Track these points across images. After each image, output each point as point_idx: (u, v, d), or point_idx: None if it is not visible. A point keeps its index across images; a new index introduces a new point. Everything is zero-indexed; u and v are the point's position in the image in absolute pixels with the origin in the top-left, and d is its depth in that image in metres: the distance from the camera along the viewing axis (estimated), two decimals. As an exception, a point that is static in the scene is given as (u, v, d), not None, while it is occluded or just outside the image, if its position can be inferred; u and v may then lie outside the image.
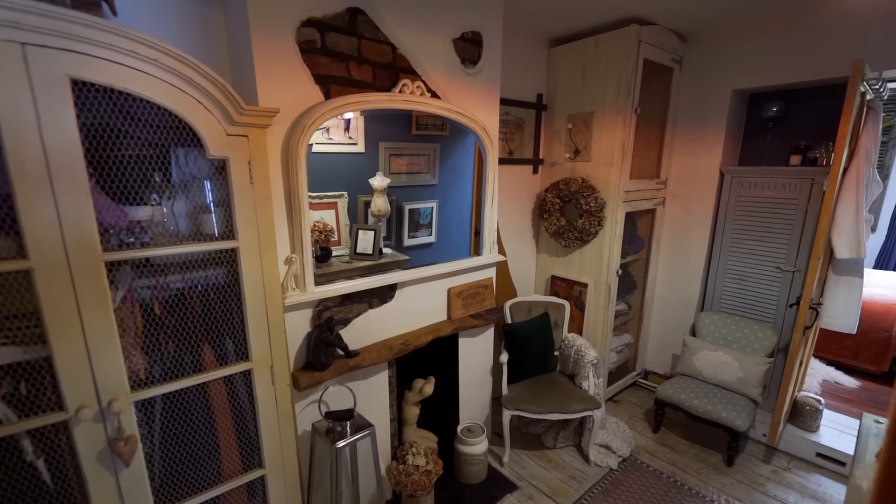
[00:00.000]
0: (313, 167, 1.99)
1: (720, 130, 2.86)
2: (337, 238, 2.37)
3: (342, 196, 2.40)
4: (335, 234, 2.36)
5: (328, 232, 2.25)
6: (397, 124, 2.49)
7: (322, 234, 2.21)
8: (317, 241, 2.16)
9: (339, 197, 2.40)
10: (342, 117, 2.18)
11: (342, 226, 2.40)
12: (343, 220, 2.41)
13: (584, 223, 2.80)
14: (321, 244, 2.21)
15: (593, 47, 2.66)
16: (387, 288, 2.06)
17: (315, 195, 2.22)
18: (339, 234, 2.38)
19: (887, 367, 3.33)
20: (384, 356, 2.00)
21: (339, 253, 2.36)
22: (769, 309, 2.84)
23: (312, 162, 2.03)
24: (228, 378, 1.52)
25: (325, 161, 2.22)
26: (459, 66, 2.08)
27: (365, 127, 2.36)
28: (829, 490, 2.39)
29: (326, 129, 2.23)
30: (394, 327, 2.13)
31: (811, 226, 2.59)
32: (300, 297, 1.71)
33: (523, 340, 2.71)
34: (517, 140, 2.95)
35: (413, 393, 2.45)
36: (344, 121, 2.28)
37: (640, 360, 3.50)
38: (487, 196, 2.35)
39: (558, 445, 2.77)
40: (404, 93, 1.85)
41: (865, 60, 1.98)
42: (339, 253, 2.36)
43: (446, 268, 2.24)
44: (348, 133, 2.36)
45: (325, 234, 2.22)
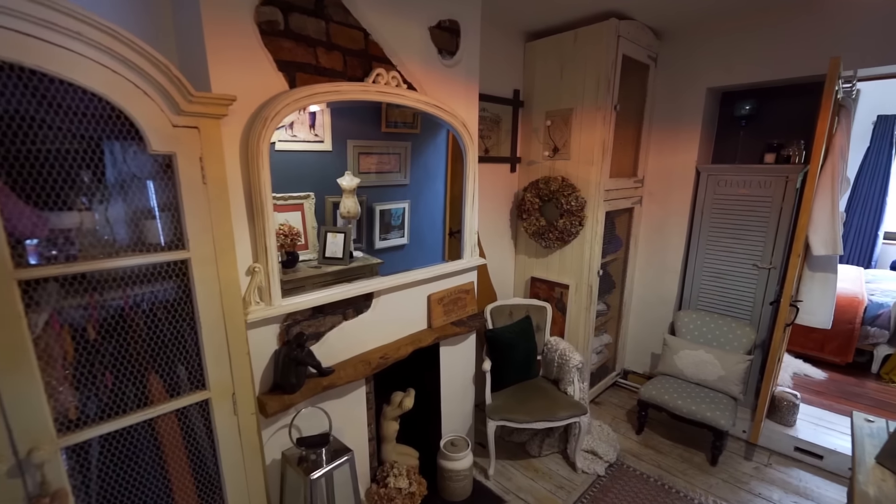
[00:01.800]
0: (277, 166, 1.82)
1: (695, 128, 2.86)
2: (304, 242, 2.20)
3: (309, 197, 2.23)
4: (302, 237, 2.20)
5: (294, 235, 2.07)
6: (366, 121, 2.34)
7: (288, 238, 2.03)
8: (282, 246, 1.99)
9: (306, 198, 2.23)
10: (306, 111, 2.00)
11: (309, 228, 2.23)
12: (310, 223, 2.24)
13: (565, 223, 2.72)
14: (287, 248, 2.03)
15: (572, 41, 2.58)
16: (362, 297, 1.89)
17: (279, 196, 2.04)
18: (307, 238, 2.22)
19: (851, 358, 3.45)
20: (361, 372, 1.83)
21: (307, 257, 2.19)
22: (746, 306, 2.86)
23: (276, 160, 1.85)
24: (182, 411, 1.31)
25: (289, 160, 2.05)
26: (437, 56, 1.94)
27: (332, 123, 2.20)
28: (810, 484, 2.41)
29: (290, 126, 2.07)
30: (371, 339, 1.96)
31: (786, 223, 2.62)
32: (265, 311, 1.52)
33: (506, 346, 2.60)
34: (494, 138, 2.84)
35: (392, 407, 2.28)
36: (309, 116, 2.11)
37: (620, 360, 3.47)
38: (468, 196, 2.22)
39: (544, 453, 2.67)
40: (379, 83, 1.68)
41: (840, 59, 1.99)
42: (307, 257, 2.19)
43: (426, 273, 2.09)
44: (314, 130, 2.19)
45: (290, 237, 2.05)
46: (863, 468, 1.37)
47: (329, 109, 2.12)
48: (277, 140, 1.98)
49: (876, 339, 3.42)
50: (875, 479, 1.31)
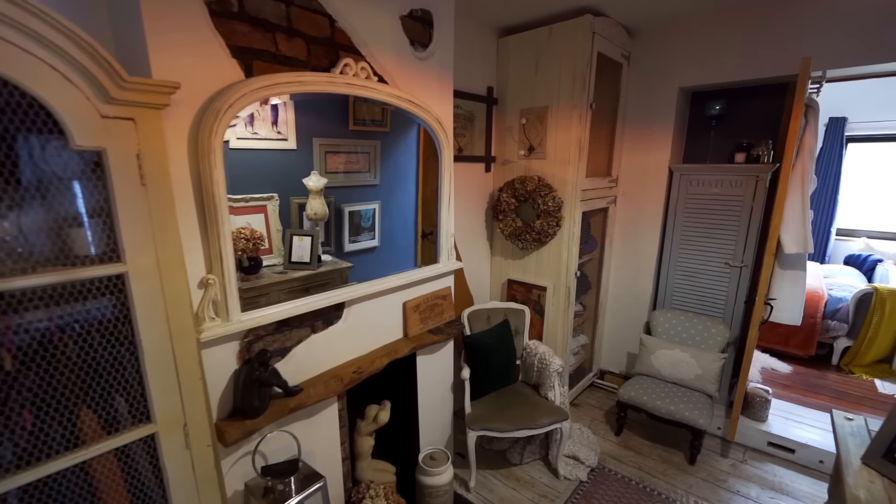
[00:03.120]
0: (237, 165, 1.66)
1: (668, 128, 2.86)
2: (268, 246, 2.05)
3: (272, 198, 2.08)
4: (265, 241, 2.04)
5: (257, 239, 1.91)
6: (333, 118, 2.21)
7: (250, 243, 1.86)
8: (243, 251, 1.82)
9: (269, 199, 2.07)
10: (266, 105, 1.84)
11: (273, 232, 2.08)
12: (274, 226, 2.09)
13: (542, 224, 2.66)
14: (249, 254, 1.86)
15: (546, 37, 2.51)
16: (332, 307, 1.74)
17: (240, 198, 1.88)
18: (271, 242, 2.07)
19: (814, 351, 3.58)
20: (333, 389, 1.68)
21: (272, 262, 2.03)
22: (719, 304, 2.89)
23: (236, 159, 1.70)
24: (122, 450, 1.13)
25: (250, 158, 1.89)
26: (409, 48, 1.82)
27: (296, 120, 2.06)
28: (784, 479, 2.44)
29: (251, 122, 1.91)
30: (343, 353, 1.81)
31: (757, 222, 2.65)
32: (222, 328, 1.35)
33: (485, 352, 2.50)
34: (468, 136, 2.74)
35: (366, 422, 2.15)
36: (271, 112, 1.95)
37: (597, 361, 3.46)
38: (443, 197, 2.11)
39: (525, 461, 2.60)
40: (346, 75, 1.54)
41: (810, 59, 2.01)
42: (272, 262, 2.03)
43: (401, 279, 1.97)
44: (276, 127, 2.04)
45: (253, 241, 1.88)
46: (850, 470, 1.35)
47: (293, 105, 1.98)
48: (236, 137, 1.83)
49: (836, 333, 3.56)
50: (864, 482, 1.30)
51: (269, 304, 1.56)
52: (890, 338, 3.42)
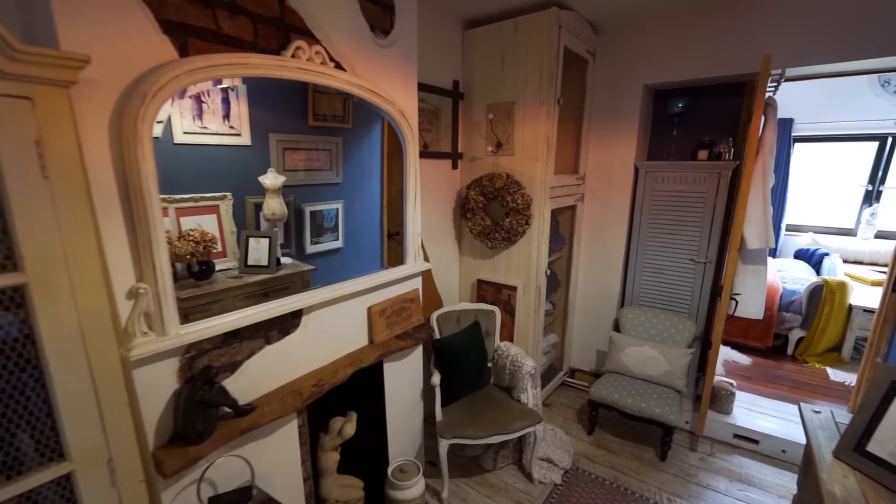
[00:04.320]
0: (184, 162, 1.57)
1: (633, 125, 2.87)
2: (221, 249, 1.88)
3: (225, 198, 1.91)
4: (218, 243, 1.87)
5: (208, 242, 1.74)
6: (291, 113, 2.06)
7: (200, 246, 1.69)
8: (193, 255, 1.65)
9: (221, 199, 1.91)
10: (211, 96, 1.67)
11: (227, 233, 1.91)
12: (228, 227, 1.92)
13: (512, 222, 2.59)
14: (199, 257, 1.68)
15: (513, 30, 2.45)
16: (289, 315, 1.59)
17: (188, 197, 1.72)
18: (224, 244, 1.90)
19: (771, 342, 3.71)
20: (291, 405, 1.54)
21: (226, 266, 1.87)
22: (685, 300, 2.92)
23: (183, 155, 1.59)
24: (29, 496, 0.94)
25: (199, 154, 1.74)
26: (369, 34, 1.69)
27: (250, 115, 1.90)
28: (750, 470, 2.48)
29: (199, 115, 1.73)
30: (302, 364, 1.66)
31: (720, 218, 2.69)
32: (156, 343, 1.18)
33: (455, 356, 2.40)
34: (434, 132, 2.64)
35: (330, 436, 2.00)
36: (222, 105, 1.78)
37: (567, 359, 3.44)
38: (409, 195, 1.99)
39: (499, 466, 2.52)
40: (299, 59, 1.40)
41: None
42: (226, 266, 1.87)
43: (365, 283, 1.84)
44: (228, 121, 1.88)
45: (203, 244, 1.71)
46: (824, 465, 1.34)
47: (246, 98, 1.83)
48: (182, 132, 1.67)
49: (791, 324, 3.71)
50: (838, 477, 1.29)
51: (225, 312, 1.42)
52: (839, 327, 3.59)
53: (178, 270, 1.65)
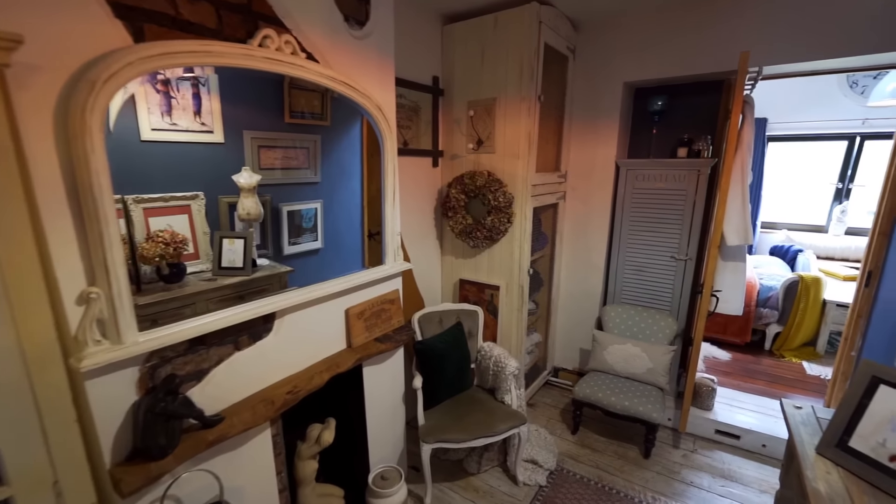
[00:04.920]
0: (153, 160, 1.52)
1: (614, 123, 2.86)
2: (193, 250, 1.80)
3: (197, 197, 1.83)
4: (190, 245, 1.79)
5: (178, 243, 1.66)
6: (266, 110, 1.99)
7: (169, 247, 1.61)
8: (162, 257, 1.57)
9: (193, 198, 1.83)
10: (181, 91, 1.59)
11: (200, 234, 1.84)
12: (201, 228, 1.85)
13: (494, 220, 2.55)
14: (169, 259, 1.60)
15: (492, 26, 2.41)
16: (260, 319, 1.51)
17: (157, 196, 1.64)
18: (197, 245, 1.82)
19: (749, 338, 3.77)
20: (263, 415, 1.46)
21: (198, 269, 1.79)
22: (666, 297, 2.93)
23: (152, 153, 1.53)
24: (-45, 524, 0.85)
25: (169, 152, 1.66)
26: (343, 24, 1.62)
27: (223, 111, 1.83)
28: (732, 465, 2.50)
29: (168, 111, 1.64)
30: (275, 371, 1.59)
31: (699, 215, 2.71)
32: (111, 353, 1.09)
33: (437, 358, 2.35)
34: (413, 129, 2.58)
35: (308, 444, 1.92)
36: (193, 101, 1.69)
37: (551, 359, 3.42)
38: (388, 193, 1.93)
39: (483, 469, 2.47)
40: (267, 48, 1.33)
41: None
42: (198, 269, 1.79)
43: (341, 284, 1.77)
44: (200, 118, 1.80)
45: (173, 246, 1.63)
46: (807, 462, 1.33)
47: (218, 94, 1.76)
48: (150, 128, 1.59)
49: (768, 320, 3.77)
50: (821, 474, 1.28)
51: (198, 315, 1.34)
52: (814, 322, 3.67)
53: (148, 273, 1.57)
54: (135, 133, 1.51)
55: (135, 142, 1.51)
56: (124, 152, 1.51)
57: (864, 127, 4.66)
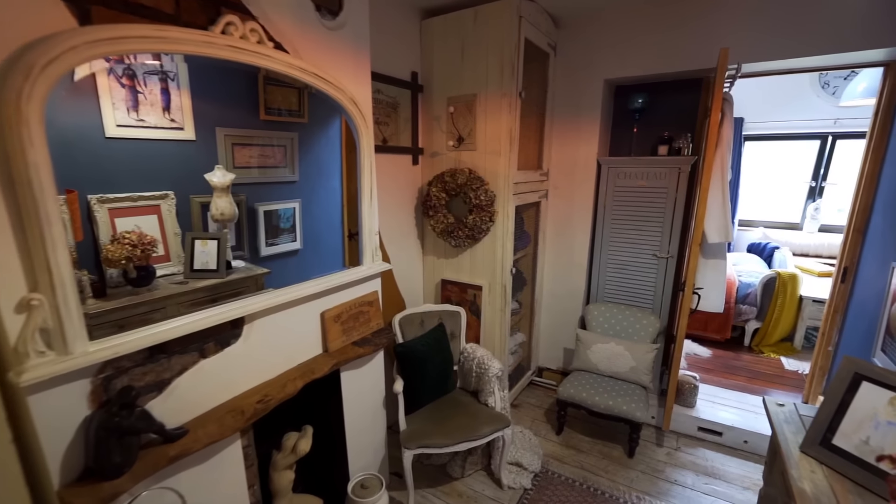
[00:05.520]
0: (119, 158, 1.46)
1: (595, 121, 2.85)
2: (164, 252, 1.72)
3: (167, 197, 1.76)
4: (160, 246, 1.70)
5: (147, 245, 1.57)
6: (240, 106, 1.91)
7: (137, 249, 1.52)
8: (129, 259, 1.48)
9: (163, 198, 1.75)
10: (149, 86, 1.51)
11: (171, 235, 1.76)
12: (171, 229, 1.77)
13: (475, 219, 2.50)
14: (137, 262, 1.51)
15: (472, 20, 2.36)
16: (228, 325, 1.43)
17: (124, 196, 1.57)
18: (167, 247, 1.74)
19: (729, 334, 3.81)
20: (231, 426, 1.37)
21: (169, 271, 1.71)
22: (648, 295, 2.93)
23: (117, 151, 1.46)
24: None
25: (136, 150, 1.58)
26: (314, 14, 1.55)
27: (194, 107, 1.75)
28: (715, 462, 2.50)
29: (135, 107, 1.56)
30: (245, 379, 1.50)
31: (680, 213, 2.71)
32: (57, 364, 1.00)
33: (419, 361, 2.29)
34: (392, 125, 2.51)
35: (284, 454, 1.84)
36: (162, 97, 1.62)
37: (535, 358, 3.39)
38: (364, 191, 1.86)
39: (467, 473, 2.42)
40: (231, 35, 1.24)
41: (726, 50, 2.04)
42: (169, 271, 1.71)
43: (316, 286, 1.69)
44: (169, 113, 1.72)
45: (141, 248, 1.54)
46: (792, 461, 1.32)
47: (189, 89, 1.69)
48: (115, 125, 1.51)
49: (747, 316, 3.82)
50: (806, 473, 1.27)
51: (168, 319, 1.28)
52: (791, 318, 3.73)
53: (114, 277, 1.49)
54: (98, 129, 1.43)
55: (98, 138, 1.44)
56: (87, 149, 1.44)
57: (835, 126, 4.77)
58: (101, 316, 1.39)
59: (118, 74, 1.54)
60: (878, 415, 1.21)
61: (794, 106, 4.87)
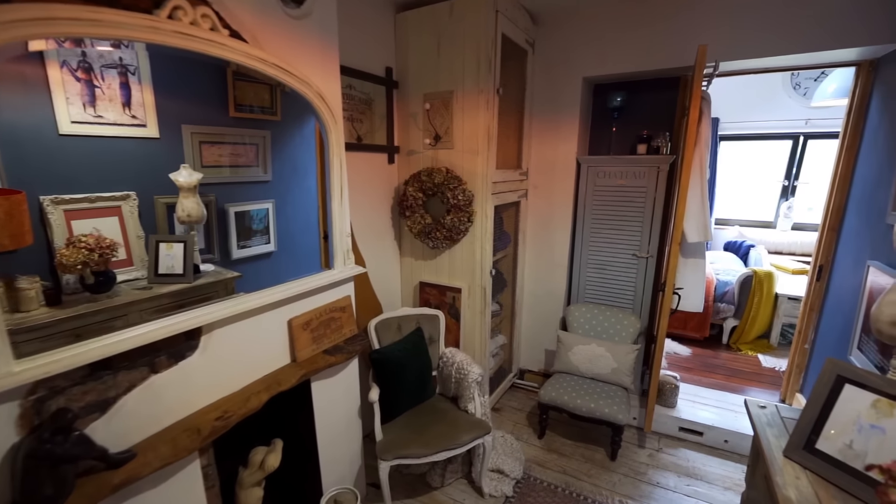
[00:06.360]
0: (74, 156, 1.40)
1: (574, 119, 2.81)
2: (126, 256, 1.63)
3: (128, 197, 1.67)
4: (120, 250, 1.60)
5: (105, 249, 1.48)
6: (208, 103, 1.83)
7: (94, 253, 1.43)
8: (86, 264, 1.38)
9: (124, 199, 1.66)
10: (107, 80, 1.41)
11: (133, 238, 1.66)
12: (134, 231, 1.67)
13: (453, 219, 2.42)
14: (95, 267, 1.42)
15: (447, 14, 2.28)
16: (182, 336, 1.31)
17: (81, 197, 1.47)
18: (130, 251, 1.65)
19: (708, 332, 3.83)
20: (186, 446, 1.26)
21: (133, 276, 1.62)
22: (628, 296, 2.91)
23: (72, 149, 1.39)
24: None
25: (94, 148, 1.49)
26: (277, 1, 1.45)
27: (157, 102, 1.64)
28: (696, 463, 2.49)
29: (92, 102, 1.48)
30: (201, 394, 1.39)
31: (660, 213, 2.69)
32: (-27, 388, 0.88)
33: (396, 367, 2.20)
34: (367, 123, 2.41)
35: (251, 470, 1.74)
36: (121, 92, 1.53)
37: (516, 361, 3.34)
38: (334, 191, 1.77)
39: (447, 482, 2.34)
40: (179, 21, 1.14)
41: (703, 47, 2.02)
42: (133, 276, 1.62)
43: (281, 292, 1.59)
44: (130, 109, 1.63)
45: (99, 251, 1.44)
46: (776, 467, 1.28)
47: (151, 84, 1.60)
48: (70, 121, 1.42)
49: (725, 314, 3.85)
50: (791, 479, 1.23)
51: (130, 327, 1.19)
52: (768, 315, 3.78)
53: (71, 283, 1.39)
54: (51, 126, 1.35)
55: (51, 136, 1.35)
56: (38, 148, 1.35)
57: (807, 127, 4.87)
58: (54, 325, 1.30)
59: (72, 67, 1.44)
60: (862, 418, 1.19)
61: (767, 107, 4.96)
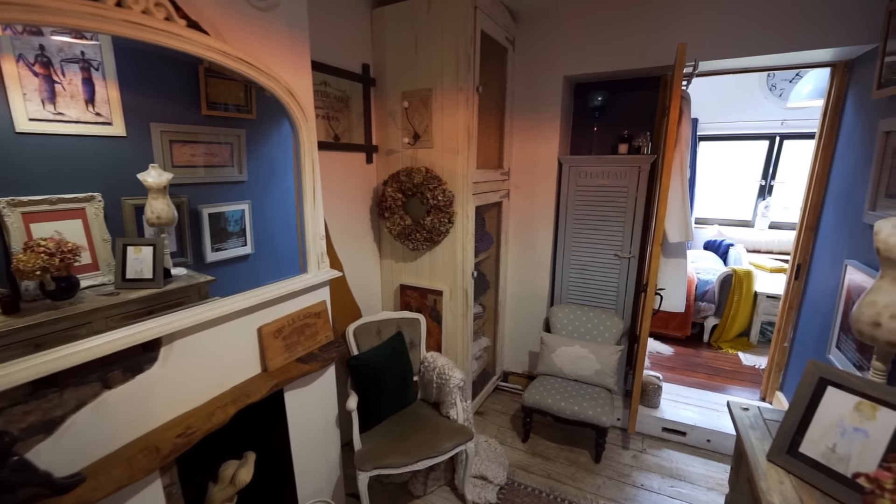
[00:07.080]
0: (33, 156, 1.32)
1: (555, 118, 2.78)
2: (91, 260, 1.53)
3: (93, 199, 1.57)
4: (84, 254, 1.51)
5: (67, 253, 1.39)
6: (178, 100, 1.74)
7: (55, 258, 1.34)
8: (46, 270, 1.29)
9: (88, 200, 1.56)
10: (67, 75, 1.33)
11: (99, 241, 1.57)
12: (99, 234, 1.59)
13: (433, 220, 2.36)
14: (55, 272, 1.32)
15: (425, 10, 2.22)
16: (139, 348, 1.22)
17: (41, 198, 1.38)
18: (95, 255, 1.55)
19: (689, 331, 3.86)
20: (143, 467, 1.17)
21: (98, 281, 1.52)
22: (610, 296, 2.89)
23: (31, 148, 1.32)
24: None
25: (54, 147, 1.41)
26: (241, -8, 1.37)
27: (123, 99, 1.55)
28: (679, 463, 2.48)
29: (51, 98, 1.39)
30: (162, 410, 1.30)
31: (641, 213, 2.68)
32: None
33: (375, 374, 2.13)
34: (344, 121, 2.34)
35: (221, 486, 1.66)
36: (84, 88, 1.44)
37: (500, 363, 3.30)
38: (306, 192, 1.70)
39: (430, 490, 2.29)
40: (128, 9, 1.05)
41: (683, 46, 2.01)
42: (98, 281, 1.52)
43: (250, 298, 1.51)
44: (93, 107, 1.54)
45: (60, 256, 1.35)
46: (760, 471, 1.26)
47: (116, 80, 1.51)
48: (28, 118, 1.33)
49: (706, 313, 3.88)
50: (775, 485, 1.21)
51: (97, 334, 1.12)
52: (747, 313, 3.82)
53: (31, 290, 1.30)
54: (7, 123, 1.26)
55: (7, 134, 1.27)
56: None
57: (783, 127, 4.96)
58: (9, 335, 1.21)
59: (29, 61, 1.35)
60: (844, 421, 1.17)
61: (745, 107, 5.04)
